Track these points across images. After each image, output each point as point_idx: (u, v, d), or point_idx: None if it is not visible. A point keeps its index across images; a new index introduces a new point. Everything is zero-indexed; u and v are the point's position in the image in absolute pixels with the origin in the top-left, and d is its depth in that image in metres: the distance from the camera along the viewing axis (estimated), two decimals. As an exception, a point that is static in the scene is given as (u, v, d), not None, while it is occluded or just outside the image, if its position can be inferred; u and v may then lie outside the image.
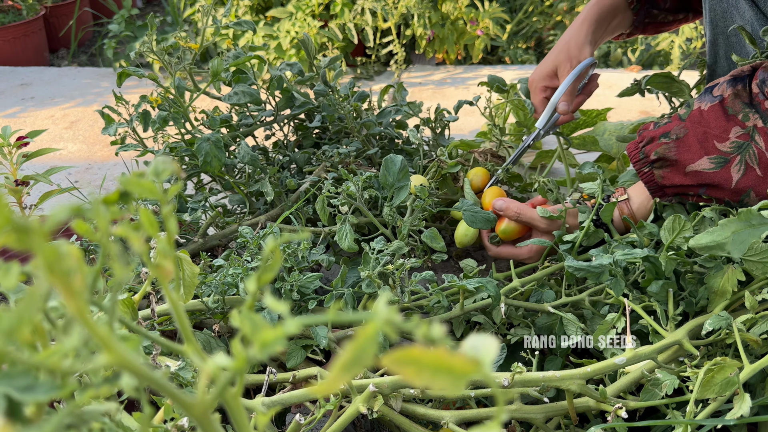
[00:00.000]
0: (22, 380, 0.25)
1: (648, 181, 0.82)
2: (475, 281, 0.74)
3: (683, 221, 0.71)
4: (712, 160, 0.75)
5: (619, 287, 0.72)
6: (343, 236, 0.87)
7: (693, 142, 0.77)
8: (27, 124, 1.98)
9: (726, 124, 0.75)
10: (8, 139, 1.06)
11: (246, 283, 0.69)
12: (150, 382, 0.22)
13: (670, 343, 0.65)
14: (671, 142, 0.78)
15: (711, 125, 0.76)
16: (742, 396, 0.55)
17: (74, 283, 0.18)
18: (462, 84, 2.20)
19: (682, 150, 0.77)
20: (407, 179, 0.91)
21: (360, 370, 0.21)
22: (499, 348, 0.75)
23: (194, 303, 0.79)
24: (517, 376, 0.62)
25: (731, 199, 0.76)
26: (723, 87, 0.77)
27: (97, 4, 2.93)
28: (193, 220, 1.01)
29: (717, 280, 0.68)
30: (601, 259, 0.72)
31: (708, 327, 0.63)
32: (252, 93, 1.02)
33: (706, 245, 0.58)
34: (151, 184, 0.29)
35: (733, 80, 0.77)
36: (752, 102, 0.75)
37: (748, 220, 0.55)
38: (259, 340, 0.22)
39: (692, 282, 0.73)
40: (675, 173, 0.79)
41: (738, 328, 0.62)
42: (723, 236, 0.56)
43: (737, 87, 0.76)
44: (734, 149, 0.74)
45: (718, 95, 0.77)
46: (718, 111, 0.76)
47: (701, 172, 0.76)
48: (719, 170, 0.75)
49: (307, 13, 2.26)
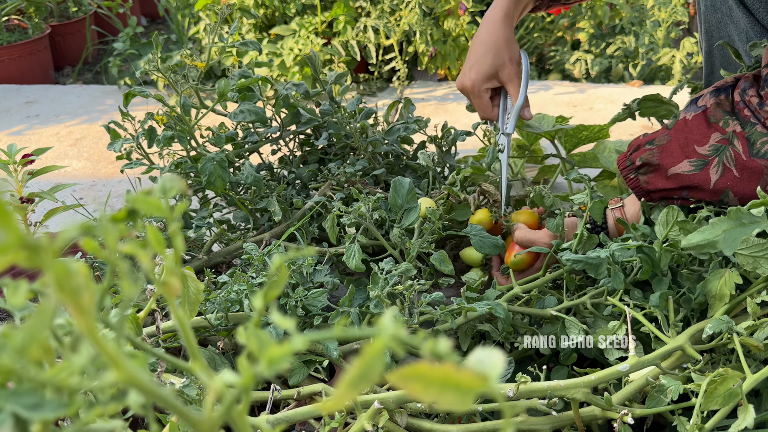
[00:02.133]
0: (29, 398, 0.25)
1: (635, 187, 0.85)
2: (484, 304, 0.74)
3: (676, 212, 0.73)
4: (691, 163, 0.79)
5: (619, 280, 0.74)
6: (351, 255, 0.88)
7: (675, 147, 0.80)
8: (32, 142, 1.99)
9: (707, 131, 0.79)
10: (14, 156, 1.07)
11: (252, 299, 0.69)
12: (158, 399, 0.22)
13: (673, 349, 0.65)
14: (655, 148, 0.82)
15: (693, 132, 0.80)
16: (746, 407, 0.54)
17: (84, 300, 0.18)
18: (464, 99, 2.21)
19: (664, 155, 0.81)
20: (415, 201, 0.92)
21: (367, 386, 0.21)
22: (506, 362, 0.75)
23: (198, 320, 0.79)
24: (522, 387, 0.62)
25: (711, 199, 0.79)
26: (706, 98, 0.81)
27: (102, 23, 2.96)
28: (198, 236, 1.01)
29: (714, 284, 0.69)
30: (599, 252, 0.74)
31: (708, 331, 0.63)
32: (258, 111, 1.02)
33: (698, 244, 0.58)
34: (158, 201, 0.29)
35: (716, 90, 0.80)
36: (734, 110, 0.78)
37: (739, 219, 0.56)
38: (266, 357, 0.22)
39: (690, 279, 0.74)
40: (658, 177, 0.82)
41: (739, 333, 0.62)
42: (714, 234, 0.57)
43: (719, 97, 0.79)
44: (712, 152, 0.78)
45: (702, 105, 0.81)
46: (701, 120, 0.80)
47: (682, 174, 0.79)
48: (698, 172, 0.78)
49: (310, 30, 2.28)
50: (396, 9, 2.26)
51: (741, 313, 0.70)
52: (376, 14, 2.26)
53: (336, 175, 1.07)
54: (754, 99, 0.75)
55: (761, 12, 0.86)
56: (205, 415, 0.24)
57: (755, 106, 0.75)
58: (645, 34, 2.46)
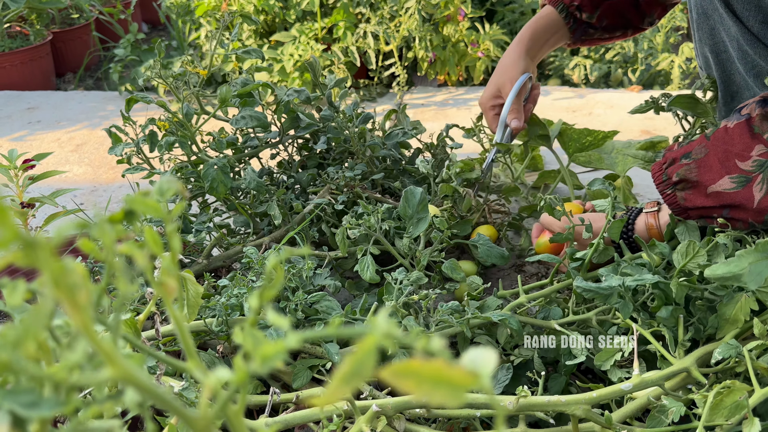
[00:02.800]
0: (26, 396, 0.25)
1: (671, 203, 0.80)
2: (498, 314, 0.74)
3: (697, 247, 0.70)
4: (733, 180, 0.73)
5: (627, 310, 0.71)
6: (365, 268, 0.88)
7: (714, 161, 0.75)
8: (33, 147, 2.00)
9: (750, 142, 0.73)
10: (15, 161, 1.08)
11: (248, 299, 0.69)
12: (153, 396, 0.22)
13: (678, 370, 0.64)
14: (692, 162, 0.77)
15: (735, 143, 0.74)
16: (752, 420, 0.54)
17: (79, 297, 0.19)
18: (464, 105, 2.22)
19: (703, 171, 0.76)
20: (426, 211, 0.92)
21: (360, 383, 0.21)
22: (505, 370, 0.75)
23: (198, 324, 0.79)
24: (522, 400, 0.62)
25: (755, 219, 0.74)
26: (752, 107, 0.76)
27: (103, 29, 2.97)
28: (198, 241, 1.01)
29: (730, 309, 0.67)
30: (611, 280, 0.71)
31: (717, 356, 0.62)
32: (259, 117, 1.03)
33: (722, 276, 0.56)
34: (155, 203, 0.29)
35: (763, 101, 0.75)
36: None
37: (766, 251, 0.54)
38: (259, 354, 0.22)
39: (702, 309, 0.72)
40: (697, 195, 0.77)
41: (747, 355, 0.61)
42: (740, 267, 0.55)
43: (766, 108, 0.74)
44: (756, 168, 0.72)
45: (746, 114, 0.75)
46: (744, 128, 0.74)
47: (722, 192, 0.74)
48: (741, 190, 0.73)
49: (310, 36, 2.29)
50: (396, 15, 2.27)
51: (750, 336, 0.69)
52: (375, 20, 2.27)
53: (335, 179, 1.08)
54: None
55: (750, 19, 0.85)
56: (200, 412, 0.24)
57: None
58: (644, 39, 2.47)
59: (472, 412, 0.67)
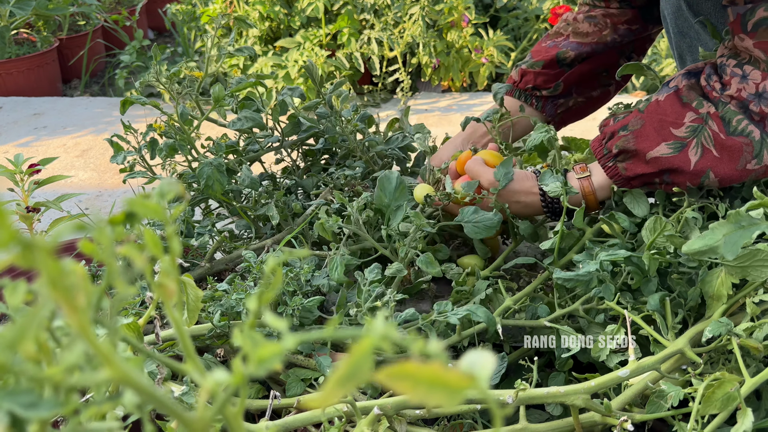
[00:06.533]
0: (25, 397, 0.25)
1: (613, 175, 0.84)
2: (462, 310, 0.72)
3: (663, 222, 0.72)
4: (669, 146, 0.78)
5: (610, 292, 0.73)
6: (333, 268, 0.84)
7: (650, 131, 0.80)
8: (39, 153, 2.01)
9: (681, 110, 0.78)
10: (20, 166, 1.08)
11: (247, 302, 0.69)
12: (150, 398, 0.22)
13: (672, 353, 0.65)
14: (629, 134, 0.81)
15: (667, 113, 0.79)
16: (744, 411, 0.54)
17: (77, 298, 0.19)
18: (468, 110, 2.23)
19: (640, 139, 0.80)
20: (404, 198, 0.88)
21: (355, 386, 0.21)
22: (498, 359, 0.74)
23: (198, 328, 0.79)
24: (521, 394, 0.62)
25: (692, 182, 0.78)
26: (678, 79, 0.81)
27: (109, 36, 3.00)
28: (200, 245, 1.01)
29: (711, 285, 0.68)
30: (588, 266, 0.72)
31: (708, 334, 0.63)
32: (255, 118, 1.03)
33: (699, 250, 0.58)
34: (155, 204, 0.29)
35: (687, 74, 0.80)
36: (703, 93, 0.78)
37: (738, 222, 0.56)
38: (257, 355, 0.22)
39: (680, 282, 0.73)
40: (637, 163, 0.81)
41: (738, 335, 0.62)
42: (714, 239, 0.57)
43: (691, 80, 0.79)
44: (690, 133, 0.77)
45: (674, 86, 0.81)
46: (674, 99, 0.79)
47: (660, 157, 0.79)
48: (677, 154, 0.78)
49: (314, 42, 2.30)
50: (399, 21, 2.28)
51: (739, 311, 0.70)
52: (380, 26, 2.28)
53: (336, 178, 1.08)
54: (717, 84, 0.77)
55: None
56: (197, 414, 0.24)
57: (718, 92, 0.76)
58: (648, 45, 2.47)
59: (472, 407, 0.67)
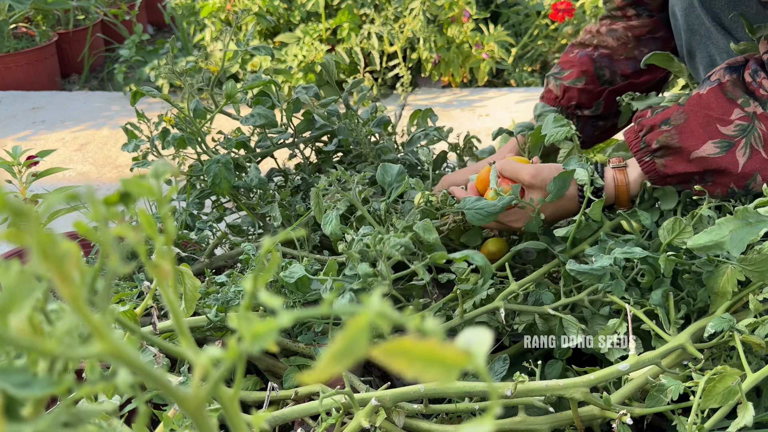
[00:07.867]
0: (18, 376, 0.25)
1: (649, 171, 0.79)
2: (460, 254, 0.70)
3: (683, 224, 0.71)
4: (716, 145, 0.73)
5: (620, 288, 0.72)
6: (327, 222, 0.81)
7: (695, 126, 0.75)
8: (38, 147, 2.00)
9: (727, 105, 0.74)
10: (18, 158, 1.08)
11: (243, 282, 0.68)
12: (142, 373, 0.22)
13: (674, 348, 0.65)
14: (672, 129, 0.76)
15: (712, 107, 0.75)
16: (745, 405, 0.54)
17: (68, 268, 0.18)
18: (468, 106, 2.22)
19: (684, 136, 0.75)
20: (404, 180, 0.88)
21: (351, 362, 0.21)
22: (501, 361, 0.74)
23: (196, 319, 0.79)
24: (520, 386, 0.62)
25: (737, 185, 0.74)
26: (720, 73, 0.77)
27: (108, 30, 2.99)
28: (200, 239, 1.01)
29: (717, 281, 0.68)
30: (601, 260, 0.71)
31: (710, 329, 0.62)
32: (268, 115, 1.02)
33: (705, 245, 0.58)
34: (150, 185, 0.29)
35: (729, 68, 0.76)
36: (748, 90, 0.74)
37: (745, 218, 0.55)
38: (251, 332, 0.22)
39: (690, 282, 0.73)
40: (678, 161, 0.76)
41: (740, 331, 0.61)
42: (721, 235, 0.56)
43: (733, 75, 0.75)
44: (738, 132, 0.73)
45: (716, 80, 0.76)
46: (718, 93, 0.75)
47: (707, 158, 0.74)
48: (725, 154, 0.73)
49: (314, 37, 2.29)
50: (400, 16, 2.27)
51: (742, 308, 0.70)
52: (380, 21, 2.27)
53: (343, 182, 1.06)
54: (765, 81, 0.72)
55: (739, 31, 0.84)
56: (191, 391, 0.24)
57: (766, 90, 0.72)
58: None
59: (471, 405, 0.67)
